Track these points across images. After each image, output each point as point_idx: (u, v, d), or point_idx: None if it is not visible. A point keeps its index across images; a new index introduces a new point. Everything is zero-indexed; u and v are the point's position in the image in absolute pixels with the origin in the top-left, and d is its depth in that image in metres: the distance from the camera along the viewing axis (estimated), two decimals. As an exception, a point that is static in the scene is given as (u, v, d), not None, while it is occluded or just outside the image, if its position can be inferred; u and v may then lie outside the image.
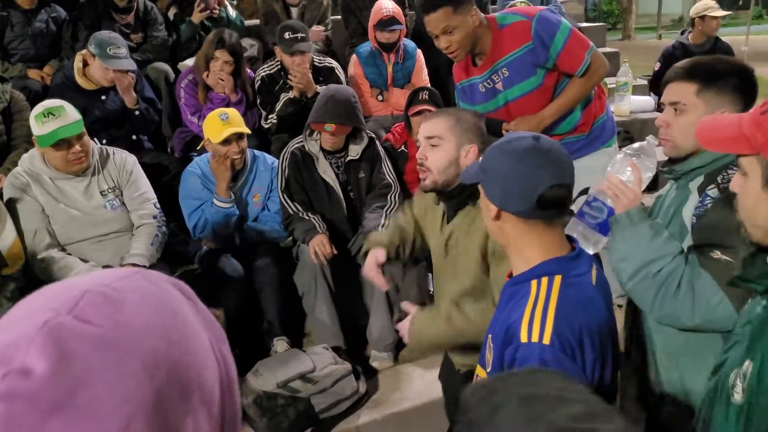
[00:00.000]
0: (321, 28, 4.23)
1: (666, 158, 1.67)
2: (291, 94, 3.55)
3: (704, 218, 1.47)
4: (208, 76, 3.47)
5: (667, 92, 1.61)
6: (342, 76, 3.80)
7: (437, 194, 1.90)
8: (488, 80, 2.62)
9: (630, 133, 4.35)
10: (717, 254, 1.41)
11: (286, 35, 3.54)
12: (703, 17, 4.79)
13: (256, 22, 4.60)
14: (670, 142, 1.60)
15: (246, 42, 4.15)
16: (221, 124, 2.85)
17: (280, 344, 2.85)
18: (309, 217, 2.96)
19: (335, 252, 2.88)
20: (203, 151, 3.12)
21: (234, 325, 2.81)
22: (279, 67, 3.67)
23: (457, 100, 2.83)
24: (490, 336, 1.33)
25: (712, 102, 1.54)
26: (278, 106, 3.58)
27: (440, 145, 1.83)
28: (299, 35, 3.53)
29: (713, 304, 1.41)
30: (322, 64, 3.75)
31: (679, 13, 26.34)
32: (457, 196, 1.83)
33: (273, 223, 3.09)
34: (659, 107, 4.63)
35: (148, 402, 0.46)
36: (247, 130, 2.94)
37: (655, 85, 5.01)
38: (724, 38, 5.14)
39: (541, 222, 1.29)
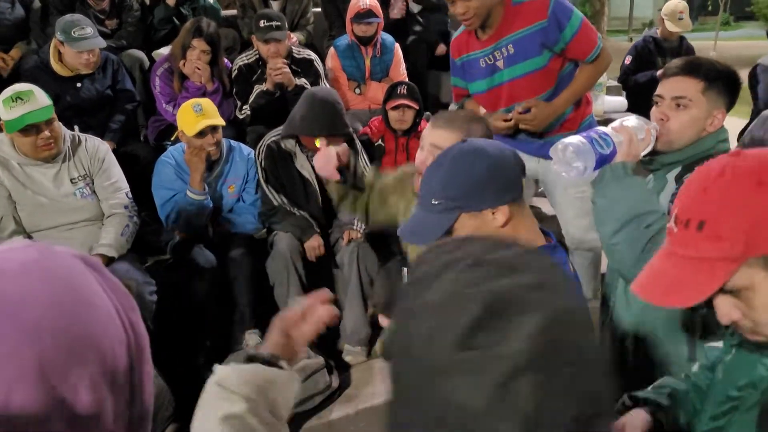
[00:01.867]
0: (294, 37, 4.17)
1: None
2: (264, 87, 3.52)
3: None
4: (184, 64, 3.42)
5: (670, 86, 1.60)
6: (320, 68, 3.78)
7: None
8: (490, 56, 2.57)
9: None
10: None
11: (261, 23, 3.52)
12: (679, 20, 4.86)
13: (234, 12, 4.54)
14: (665, 137, 1.61)
15: (222, 32, 4.09)
16: (195, 116, 2.81)
17: (251, 337, 2.82)
18: (299, 213, 2.94)
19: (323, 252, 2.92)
20: (177, 140, 3.07)
21: (206, 316, 2.79)
22: (257, 57, 3.64)
23: (452, 77, 2.79)
24: None
25: (712, 101, 1.57)
26: (251, 98, 3.55)
27: None
28: (274, 23, 3.52)
29: None
30: (300, 56, 3.72)
31: (650, 16, 26.82)
32: None
33: (248, 215, 3.06)
34: (637, 102, 4.60)
35: (30, 367, 0.49)
36: (222, 122, 2.90)
37: (625, 79, 5.02)
38: (693, 42, 5.21)
39: (524, 202, 1.30)
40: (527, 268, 0.59)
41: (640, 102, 4.31)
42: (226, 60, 3.69)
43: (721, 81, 1.57)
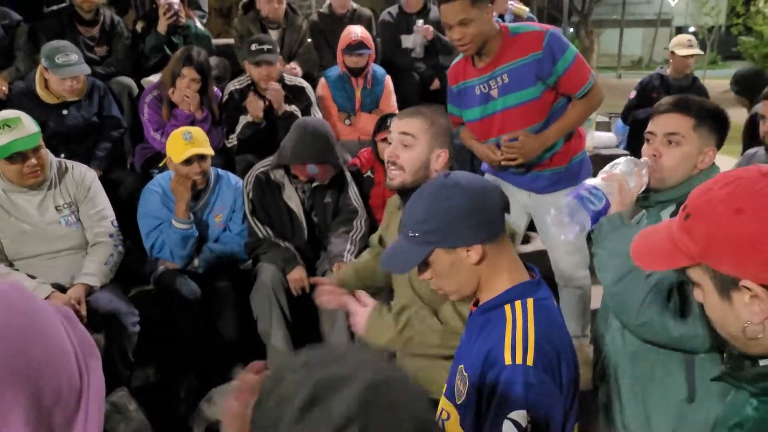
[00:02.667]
0: (293, 65, 4.21)
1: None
2: (249, 118, 3.52)
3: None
4: (173, 92, 3.42)
5: (661, 123, 1.61)
6: (312, 96, 3.79)
7: (402, 196, 1.89)
8: (485, 84, 2.58)
9: None
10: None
11: (253, 46, 3.55)
12: (683, 56, 4.81)
13: (225, 41, 4.57)
14: (658, 174, 1.61)
15: (213, 61, 4.10)
16: (184, 144, 2.79)
17: (234, 370, 2.76)
18: (284, 244, 2.92)
19: (309, 284, 2.87)
20: (164, 168, 3.04)
21: (190, 349, 2.74)
22: (249, 82, 3.65)
23: (448, 104, 2.80)
24: (461, 366, 1.29)
25: (704, 138, 1.57)
26: (238, 129, 3.56)
27: (413, 146, 1.84)
28: (266, 46, 3.55)
29: (701, 322, 1.39)
30: (292, 83, 3.74)
31: (639, 54, 27.32)
32: None
33: (234, 245, 3.02)
34: (637, 138, 4.62)
35: None
36: (211, 152, 2.88)
37: (626, 114, 5.00)
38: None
39: (505, 237, 1.30)
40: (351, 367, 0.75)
41: (640, 138, 4.45)
42: (216, 89, 3.69)
43: (711, 119, 1.58)
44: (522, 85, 2.51)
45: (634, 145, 4.62)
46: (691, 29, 25.48)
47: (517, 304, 1.25)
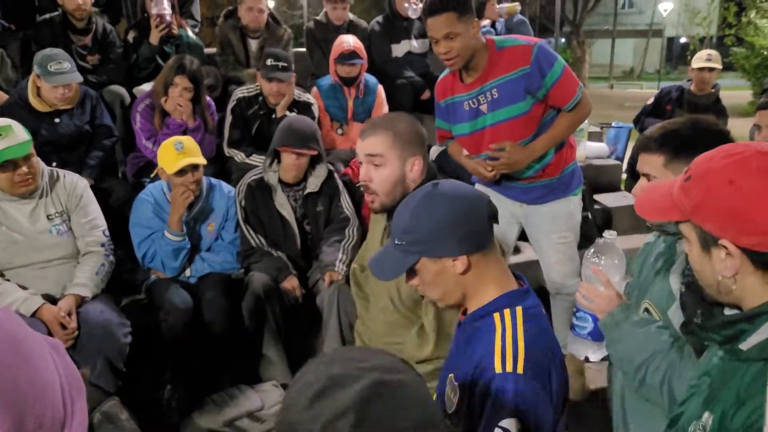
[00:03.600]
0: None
1: None
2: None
3: (694, 287, 1.46)
4: (166, 101, 3.42)
5: (640, 163, 1.60)
6: (316, 113, 3.80)
7: (389, 216, 1.89)
8: (474, 99, 2.58)
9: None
10: None
11: (268, 62, 3.56)
12: (700, 68, 4.60)
13: (214, 50, 4.58)
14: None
15: (205, 69, 4.10)
16: (176, 154, 2.78)
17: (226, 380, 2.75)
18: (277, 254, 2.92)
19: (302, 293, 2.91)
20: (157, 177, 3.04)
21: (182, 358, 2.72)
22: (258, 91, 3.66)
23: (436, 119, 2.81)
24: (451, 375, 1.29)
25: (679, 171, 1.53)
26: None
27: (383, 165, 1.80)
28: (281, 64, 3.55)
29: None
30: (300, 99, 3.76)
31: (631, 64, 27.53)
32: None
33: (226, 254, 3.02)
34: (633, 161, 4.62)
35: None
36: (203, 161, 2.88)
37: (638, 119, 4.91)
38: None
39: (493, 248, 1.30)
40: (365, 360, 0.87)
41: None
42: (208, 98, 3.70)
43: (693, 149, 1.46)
44: (512, 99, 2.51)
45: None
46: (683, 40, 25.72)
47: (506, 312, 1.26)
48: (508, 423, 1.14)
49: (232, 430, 2.42)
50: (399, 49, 4.56)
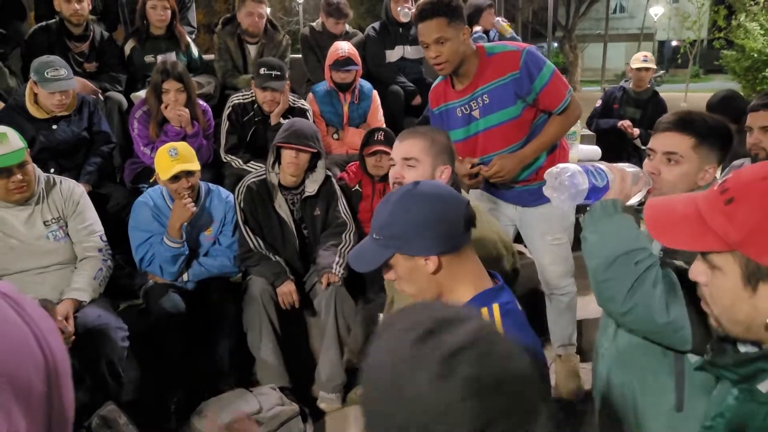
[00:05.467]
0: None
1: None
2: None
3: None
4: (166, 108, 3.42)
5: (661, 141, 1.61)
6: (311, 120, 3.82)
7: None
8: (466, 105, 2.61)
9: None
10: (680, 264, 1.41)
11: (262, 70, 3.58)
12: (638, 69, 5.13)
13: (211, 57, 4.60)
14: (657, 190, 1.61)
15: (203, 79, 4.13)
16: (170, 161, 2.80)
17: (225, 383, 2.76)
18: (275, 258, 2.95)
19: (299, 298, 2.91)
20: (155, 183, 3.06)
21: (179, 362, 2.73)
22: (253, 98, 3.68)
23: (431, 124, 2.80)
24: None
25: (704, 157, 1.57)
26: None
27: (416, 167, 1.89)
28: (274, 72, 3.56)
29: (686, 316, 1.40)
30: (296, 105, 3.78)
31: (622, 68, 27.61)
32: None
33: (224, 258, 3.03)
34: (600, 144, 4.82)
35: None
36: (196, 167, 2.89)
37: (591, 121, 5.31)
38: (663, 94, 5.40)
39: (468, 249, 1.32)
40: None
41: (602, 145, 4.80)
42: (204, 103, 3.72)
43: (713, 137, 1.58)
44: (502, 104, 2.54)
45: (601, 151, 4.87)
46: (674, 43, 25.87)
47: (484, 311, 1.27)
48: None
49: (231, 432, 2.42)
50: (393, 55, 4.60)
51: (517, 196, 2.76)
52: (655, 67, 5.23)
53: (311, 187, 3.05)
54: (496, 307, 1.28)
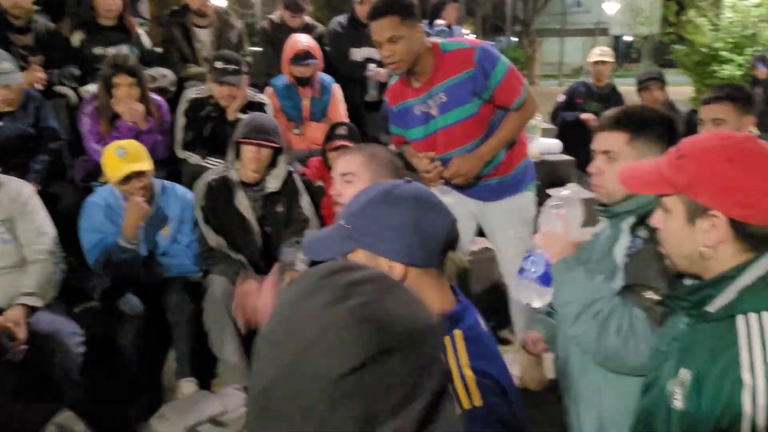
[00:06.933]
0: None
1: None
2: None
3: (636, 258, 1.52)
4: (117, 103, 3.31)
5: (599, 141, 1.65)
6: (271, 114, 3.74)
7: None
8: (424, 104, 2.60)
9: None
10: (648, 294, 1.46)
11: (218, 64, 3.48)
12: (595, 62, 5.32)
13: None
14: (603, 189, 1.64)
15: (158, 72, 4.01)
16: (119, 161, 2.71)
17: (187, 385, 2.71)
18: (237, 256, 2.89)
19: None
20: (107, 182, 2.95)
21: (138, 365, 2.66)
22: (209, 93, 3.58)
23: (391, 125, 2.82)
24: None
25: (641, 150, 1.59)
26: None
27: (354, 182, 1.83)
28: (230, 67, 3.47)
29: (646, 335, 1.46)
30: (254, 99, 3.70)
31: (579, 62, 28.12)
32: None
33: (183, 258, 2.96)
34: (564, 138, 5.03)
35: None
36: (148, 166, 2.80)
37: (555, 115, 5.47)
38: (620, 88, 5.52)
39: (435, 270, 1.20)
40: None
41: (566, 137, 5.02)
42: (160, 98, 3.61)
43: (648, 129, 1.60)
44: (459, 102, 2.53)
45: (564, 145, 5.04)
46: (628, 38, 26.45)
47: (446, 340, 1.12)
48: None
49: (194, 436, 2.37)
50: (359, 54, 4.53)
51: (478, 191, 2.76)
52: (612, 61, 5.37)
53: (273, 183, 2.99)
54: (458, 333, 1.14)
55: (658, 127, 1.61)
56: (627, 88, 6.12)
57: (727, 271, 1.15)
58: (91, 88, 3.67)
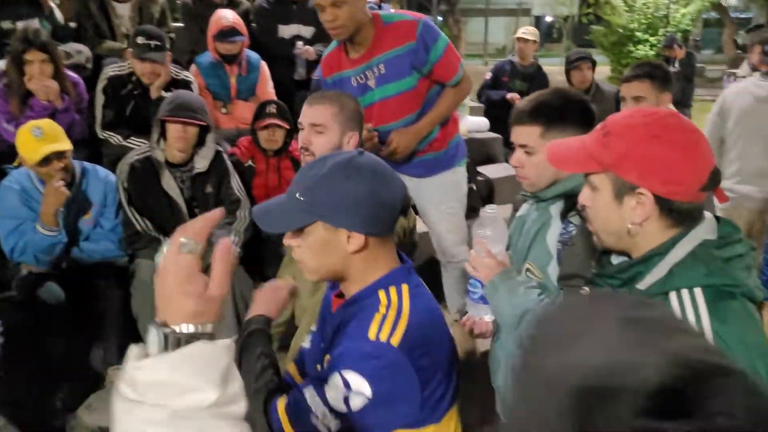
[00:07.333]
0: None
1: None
2: None
3: (571, 248, 1.54)
4: (30, 81, 3.12)
5: (515, 135, 1.66)
6: (196, 92, 3.62)
7: None
8: (362, 75, 2.57)
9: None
10: (585, 291, 1.45)
11: (139, 40, 3.33)
12: (518, 38, 5.49)
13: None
14: (527, 180, 1.66)
15: (72, 48, 3.80)
16: (36, 141, 2.57)
17: (116, 374, 2.62)
18: (165, 239, 2.80)
19: None
20: (21, 164, 2.79)
21: (62, 356, 2.56)
22: (131, 70, 3.43)
23: None
24: (327, 357, 1.25)
25: (556, 138, 1.59)
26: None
27: (325, 133, 1.93)
28: (153, 42, 3.33)
29: None
30: (179, 77, 3.57)
31: (503, 42, 28.65)
32: None
33: (107, 242, 2.85)
34: (489, 115, 5.16)
35: None
36: (67, 146, 2.68)
37: (481, 93, 5.59)
38: (544, 68, 5.69)
39: (388, 237, 1.28)
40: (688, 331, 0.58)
41: (492, 116, 5.12)
42: (76, 75, 3.43)
43: (564, 117, 1.60)
44: (398, 75, 2.53)
45: (490, 121, 5.13)
46: (549, 19, 27.11)
47: (392, 289, 1.24)
48: (353, 377, 1.14)
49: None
50: (287, 31, 4.42)
51: (413, 167, 2.78)
52: (535, 40, 5.49)
53: (201, 163, 2.91)
54: (405, 287, 1.25)
55: (572, 113, 1.61)
56: (549, 68, 6.30)
57: (656, 247, 1.16)
58: (0, 64, 3.44)
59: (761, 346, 1.10)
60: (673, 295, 1.12)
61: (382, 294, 1.23)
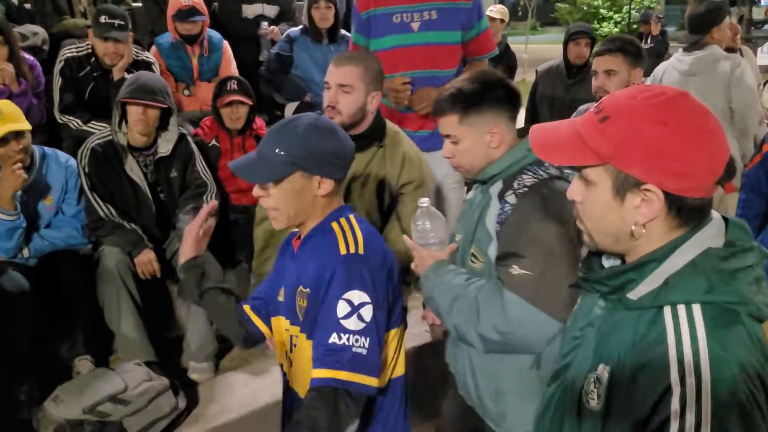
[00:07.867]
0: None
1: None
2: None
3: (504, 227, 1.53)
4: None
5: (440, 127, 1.66)
6: (158, 73, 3.53)
7: None
8: (408, 14, 2.65)
9: None
10: (515, 269, 1.48)
11: (102, 19, 3.24)
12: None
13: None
14: (461, 168, 1.67)
15: (28, 29, 3.67)
16: None
17: (82, 364, 2.58)
18: (130, 226, 2.73)
19: (158, 270, 2.73)
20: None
21: (26, 348, 2.49)
22: (89, 51, 3.32)
23: (354, 33, 2.85)
24: (300, 287, 1.46)
25: (476, 124, 1.58)
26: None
27: (351, 93, 2.09)
28: (117, 21, 3.24)
29: (525, 316, 1.46)
30: (139, 58, 3.47)
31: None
32: (368, 137, 2.19)
33: (70, 229, 2.77)
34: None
35: None
36: (27, 126, 2.60)
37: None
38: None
39: (342, 181, 1.53)
40: None
41: None
42: (32, 58, 3.31)
43: (480, 101, 1.58)
44: (448, 26, 2.64)
45: None
46: (515, -3, 27.06)
47: (342, 220, 1.47)
48: (352, 295, 1.36)
49: (94, 416, 2.25)
50: (250, 11, 4.34)
51: (422, 141, 2.74)
52: (504, 19, 5.47)
53: (165, 147, 2.84)
54: (351, 216, 1.49)
55: (490, 95, 1.59)
56: (516, 47, 6.30)
57: (653, 252, 1.00)
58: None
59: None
60: (667, 310, 0.96)
61: (334, 224, 1.46)
